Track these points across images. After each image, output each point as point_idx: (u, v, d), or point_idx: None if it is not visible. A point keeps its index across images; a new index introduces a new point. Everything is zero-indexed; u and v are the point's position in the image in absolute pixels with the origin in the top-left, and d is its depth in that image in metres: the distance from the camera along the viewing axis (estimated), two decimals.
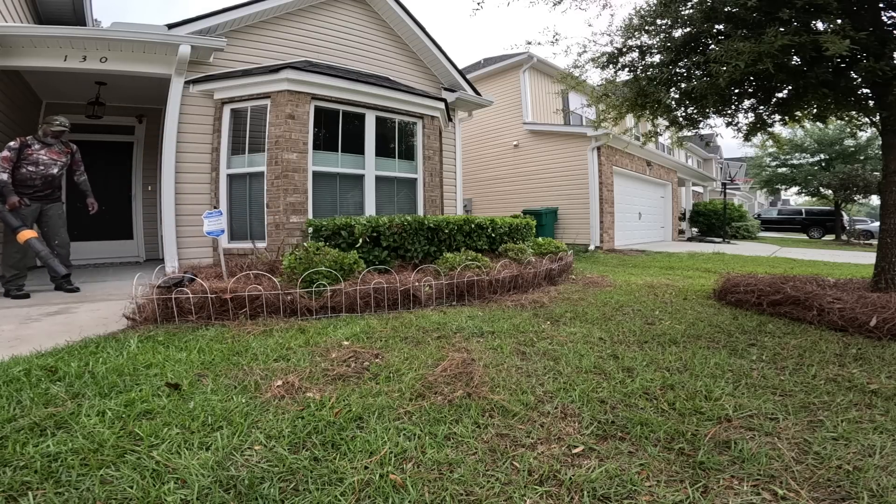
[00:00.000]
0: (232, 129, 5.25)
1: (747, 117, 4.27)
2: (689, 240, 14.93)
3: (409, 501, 1.18)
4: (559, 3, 4.51)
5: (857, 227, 18.70)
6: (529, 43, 4.64)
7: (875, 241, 9.94)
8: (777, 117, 4.21)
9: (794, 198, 35.51)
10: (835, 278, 4.30)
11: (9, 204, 3.97)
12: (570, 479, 1.28)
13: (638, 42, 4.15)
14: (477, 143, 12.65)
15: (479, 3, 4.53)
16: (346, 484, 1.25)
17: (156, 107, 6.56)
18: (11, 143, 4.09)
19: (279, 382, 1.97)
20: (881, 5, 3.37)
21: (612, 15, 6.65)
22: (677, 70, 3.97)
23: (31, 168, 4.17)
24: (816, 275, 4.75)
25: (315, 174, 5.16)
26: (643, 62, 4.18)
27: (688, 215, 17.06)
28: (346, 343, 2.61)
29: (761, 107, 4.16)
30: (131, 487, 1.21)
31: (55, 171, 4.33)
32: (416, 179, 6.14)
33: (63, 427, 1.54)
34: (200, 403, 1.73)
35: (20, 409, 1.65)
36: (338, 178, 5.42)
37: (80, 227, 6.30)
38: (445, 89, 7.54)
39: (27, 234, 3.94)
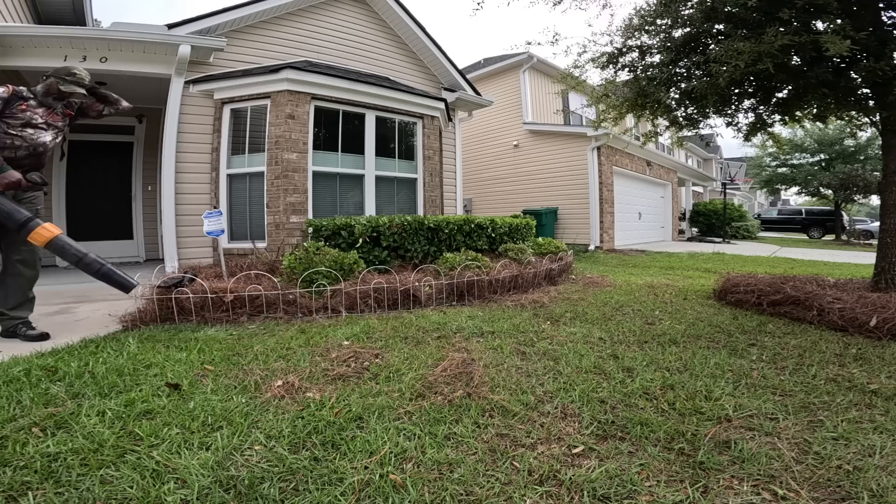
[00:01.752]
0: (232, 129, 5.25)
1: (747, 117, 4.27)
2: (689, 240, 14.93)
3: (409, 501, 1.18)
4: (559, 2, 4.52)
5: (857, 227, 18.70)
6: (529, 43, 4.65)
7: (875, 241, 9.94)
8: (777, 117, 4.21)
9: (794, 198, 35.52)
10: (835, 278, 4.30)
11: (2, 184, 2.53)
12: (570, 479, 1.28)
13: (638, 42, 4.15)
14: (477, 143, 12.65)
15: (479, 3, 4.53)
16: (346, 484, 1.25)
17: (156, 107, 6.55)
18: None
19: (279, 382, 1.97)
20: (881, 5, 3.37)
21: (611, 15, 6.65)
22: (677, 70, 3.97)
23: (15, 131, 2.68)
24: (816, 275, 4.75)
25: (315, 174, 5.16)
26: (643, 62, 4.18)
27: (688, 215, 17.06)
28: (346, 343, 2.61)
29: (761, 107, 4.15)
30: (131, 487, 1.21)
31: (48, 139, 2.83)
32: (416, 179, 6.14)
33: (63, 427, 1.54)
34: (200, 403, 1.73)
35: (20, 409, 1.65)
36: (338, 178, 5.42)
37: (80, 226, 6.30)
38: (445, 89, 7.54)
39: (50, 231, 2.54)
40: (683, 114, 4.35)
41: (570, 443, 1.49)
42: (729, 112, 4.23)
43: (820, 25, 3.29)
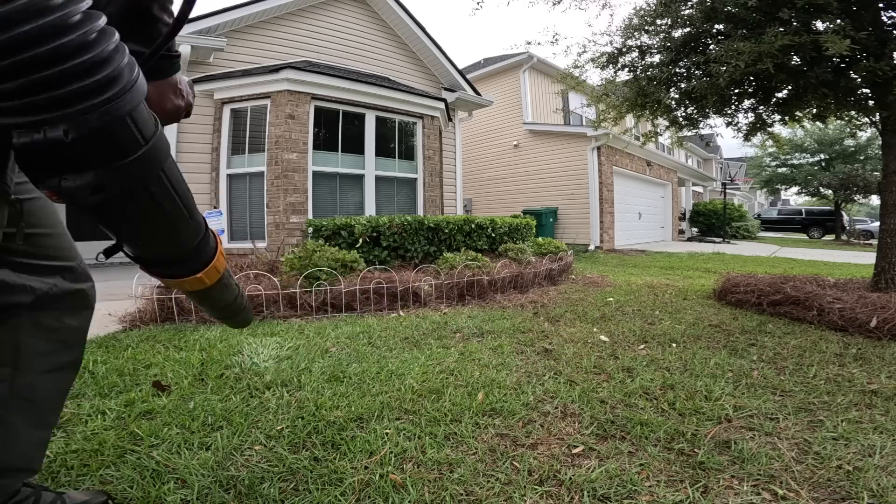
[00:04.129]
0: (232, 129, 5.25)
1: (747, 117, 4.28)
2: (689, 240, 14.93)
3: (409, 501, 1.18)
4: (559, 2, 4.52)
5: (857, 227, 18.70)
6: (529, 43, 4.66)
7: (875, 241, 9.94)
8: (777, 117, 4.21)
9: (794, 198, 35.55)
10: (835, 278, 4.30)
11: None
12: (570, 478, 1.28)
13: (638, 42, 4.15)
14: (477, 143, 12.65)
15: (478, 3, 4.54)
16: (346, 484, 1.25)
17: None
18: None
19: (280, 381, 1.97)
20: (881, 5, 3.37)
21: (611, 15, 6.66)
22: (677, 70, 3.97)
23: None
24: (816, 275, 4.75)
25: (315, 174, 5.16)
26: (643, 62, 4.18)
27: (688, 215, 17.06)
28: (346, 342, 2.61)
29: (761, 107, 4.16)
30: (131, 487, 1.21)
31: None
32: (415, 179, 6.14)
33: (62, 427, 1.54)
34: (200, 403, 1.73)
35: None
36: (338, 178, 5.42)
37: (80, 225, 6.30)
38: (445, 89, 7.54)
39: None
40: (683, 114, 4.35)
41: (570, 443, 1.49)
42: (729, 112, 4.23)
43: (820, 25, 3.29)
